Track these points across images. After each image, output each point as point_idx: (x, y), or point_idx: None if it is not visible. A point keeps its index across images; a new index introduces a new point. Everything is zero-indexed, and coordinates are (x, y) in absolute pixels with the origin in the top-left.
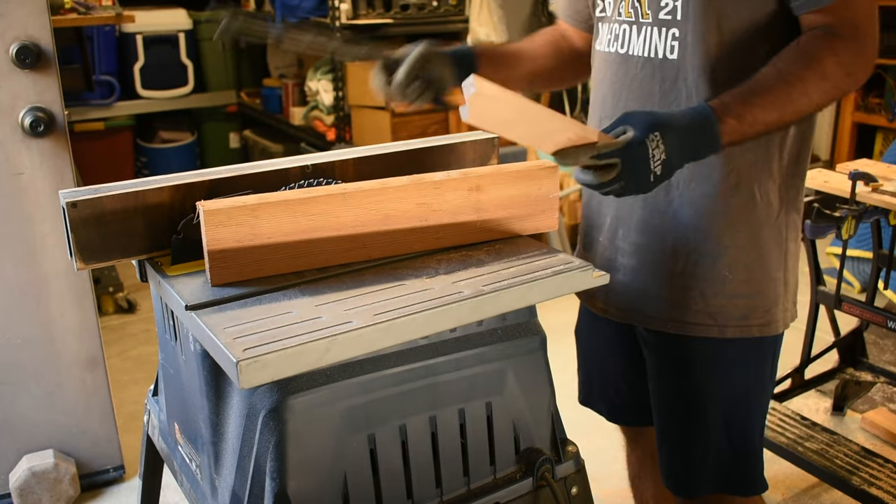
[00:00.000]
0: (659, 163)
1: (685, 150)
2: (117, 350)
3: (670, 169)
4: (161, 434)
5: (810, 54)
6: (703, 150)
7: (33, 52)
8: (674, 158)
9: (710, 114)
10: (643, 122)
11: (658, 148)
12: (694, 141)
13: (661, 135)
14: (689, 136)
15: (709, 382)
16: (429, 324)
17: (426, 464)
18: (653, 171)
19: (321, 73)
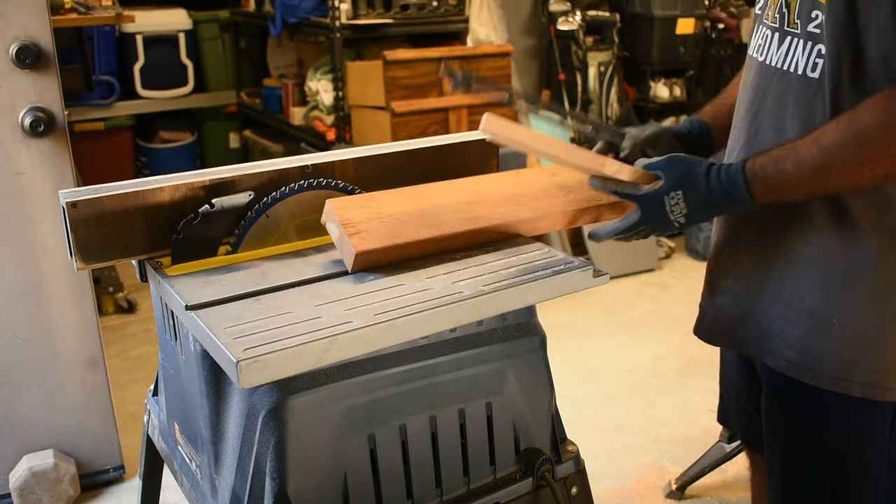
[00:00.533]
0: (681, 215)
1: (708, 209)
2: (117, 350)
3: (694, 222)
4: (161, 434)
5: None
6: (729, 210)
7: (33, 52)
8: (696, 215)
9: (738, 180)
10: (672, 177)
11: (678, 205)
12: (717, 202)
13: (682, 194)
14: (713, 198)
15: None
16: (429, 324)
17: (426, 464)
18: (674, 221)
19: (321, 74)
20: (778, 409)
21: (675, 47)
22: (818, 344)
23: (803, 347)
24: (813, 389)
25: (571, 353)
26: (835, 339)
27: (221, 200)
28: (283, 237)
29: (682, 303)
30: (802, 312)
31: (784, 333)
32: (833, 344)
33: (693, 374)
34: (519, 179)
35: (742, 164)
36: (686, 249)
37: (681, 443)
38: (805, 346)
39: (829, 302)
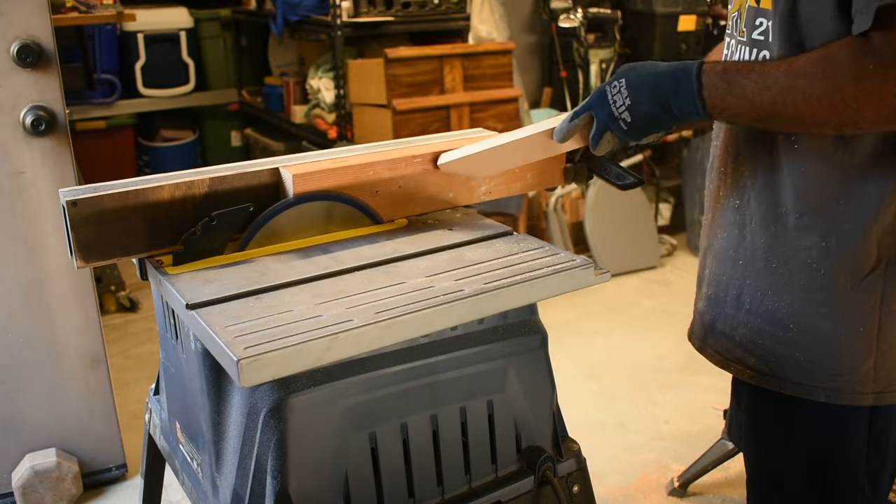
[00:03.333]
0: (624, 108)
1: (657, 97)
2: (119, 349)
3: (643, 115)
4: (162, 433)
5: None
6: (676, 101)
7: (34, 50)
8: (642, 105)
9: (691, 66)
10: (621, 70)
11: (620, 93)
12: (665, 89)
13: (625, 81)
14: (659, 83)
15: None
16: (430, 322)
17: (427, 462)
18: (619, 116)
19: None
20: (747, 419)
21: (677, 44)
22: (778, 350)
23: (764, 354)
24: (778, 396)
25: (573, 351)
26: (794, 344)
27: (221, 214)
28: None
29: (684, 300)
30: (760, 318)
31: (746, 342)
32: (793, 349)
33: (695, 371)
34: None
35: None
36: (688, 247)
37: (683, 440)
38: (766, 352)
39: (785, 305)
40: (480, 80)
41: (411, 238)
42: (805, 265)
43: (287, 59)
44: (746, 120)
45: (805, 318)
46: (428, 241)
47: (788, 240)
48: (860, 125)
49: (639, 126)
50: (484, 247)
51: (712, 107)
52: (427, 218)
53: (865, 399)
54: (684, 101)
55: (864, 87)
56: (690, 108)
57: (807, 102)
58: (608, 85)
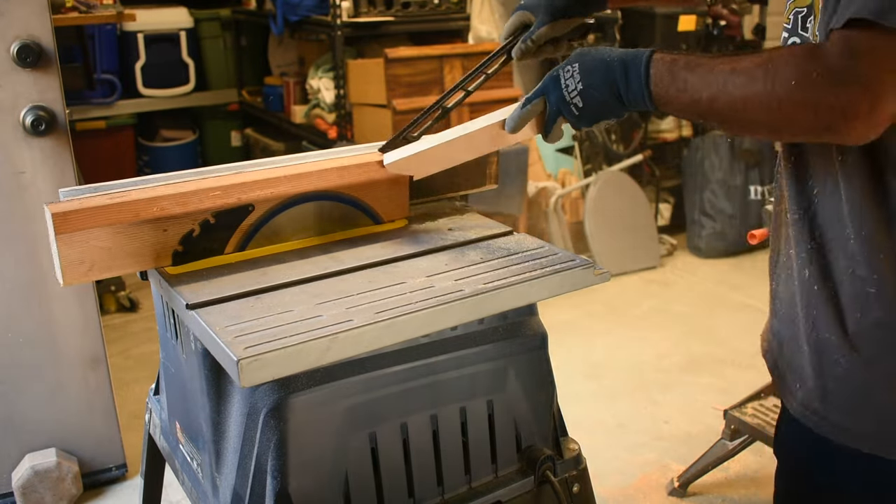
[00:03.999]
0: (576, 93)
1: (607, 82)
2: (119, 349)
3: (594, 100)
4: (162, 433)
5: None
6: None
7: (34, 50)
8: (594, 90)
9: (642, 54)
10: (574, 55)
11: (572, 77)
12: (615, 75)
13: (578, 65)
14: (610, 68)
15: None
16: (430, 322)
17: (427, 462)
18: (571, 101)
19: (322, 72)
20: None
21: (677, 44)
22: (827, 384)
23: (812, 387)
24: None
25: (573, 351)
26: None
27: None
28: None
29: (684, 300)
30: (813, 346)
31: (799, 370)
32: (841, 385)
33: (696, 371)
34: None
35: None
36: (688, 247)
37: (683, 440)
38: (814, 385)
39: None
40: None
41: (411, 238)
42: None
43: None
44: (689, 115)
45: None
46: (428, 241)
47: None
48: (795, 133)
49: (590, 111)
50: (484, 247)
51: (657, 97)
52: (427, 218)
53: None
54: (633, 90)
55: (802, 95)
56: (638, 97)
57: (744, 103)
58: (561, 68)
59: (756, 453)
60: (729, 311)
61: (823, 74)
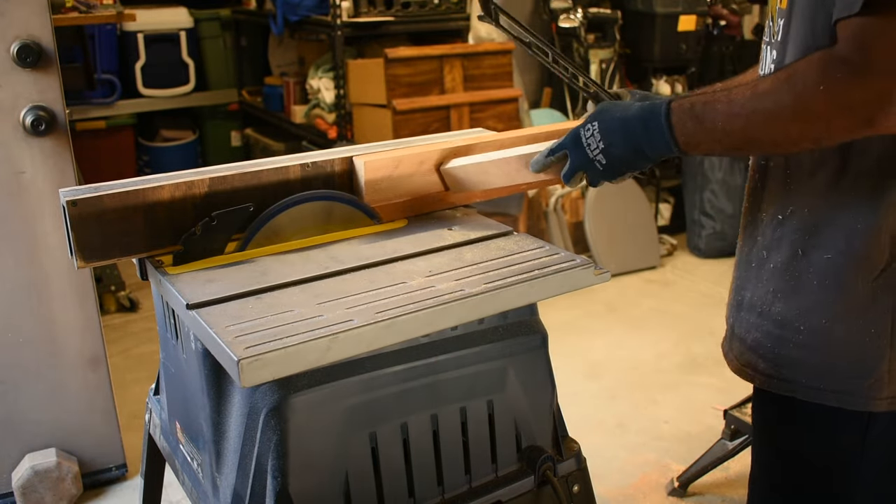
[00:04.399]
0: (598, 151)
1: (629, 140)
2: (119, 349)
3: (616, 158)
4: (163, 433)
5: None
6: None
7: (34, 50)
8: (615, 148)
9: (660, 107)
10: (593, 113)
11: (593, 137)
12: (636, 133)
13: (598, 124)
14: (630, 127)
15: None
16: (430, 322)
17: (427, 462)
18: (594, 159)
19: (322, 72)
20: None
21: (677, 44)
22: (789, 353)
23: (774, 358)
24: (788, 401)
25: (573, 351)
26: (804, 346)
27: (221, 214)
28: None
29: (684, 300)
30: (771, 321)
31: (757, 345)
32: (803, 352)
33: (695, 371)
34: None
35: (671, 98)
36: (688, 247)
37: (683, 440)
38: (775, 356)
39: (795, 307)
40: (480, 80)
41: (411, 238)
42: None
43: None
44: (723, 150)
45: (815, 319)
46: (428, 241)
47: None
48: (834, 136)
49: (614, 168)
50: (484, 247)
51: (686, 145)
52: (427, 218)
53: (879, 405)
54: (657, 144)
55: (832, 97)
56: (663, 149)
57: (777, 122)
58: (582, 128)
59: None
60: None
61: (847, 72)
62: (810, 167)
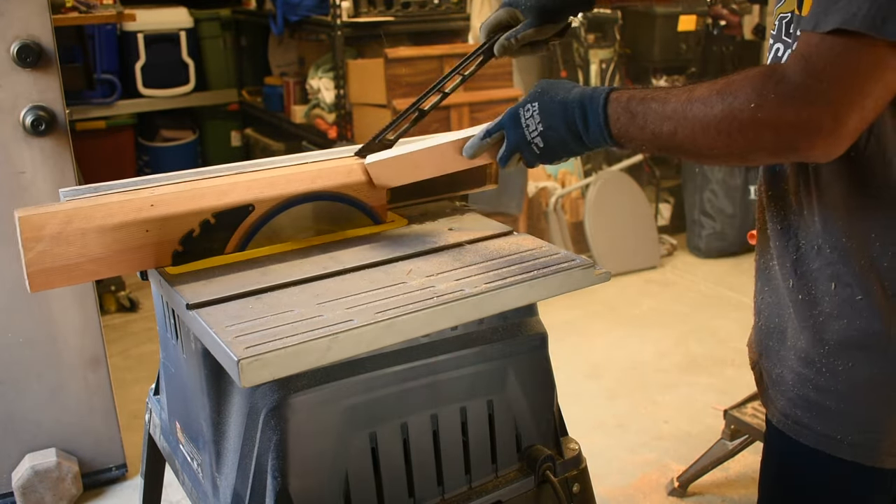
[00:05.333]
0: (536, 133)
1: (567, 124)
2: (119, 349)
3: (554, 141)
4: (163, 433)
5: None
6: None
7: (34, 50)
8: (553, 131)
9: (599, 95)
10: (532, 91)
11: (532, 118)
12: (574, 118)
13: (538, 105)
14: (569, 110)
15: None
16: (430, 322)
17: (427, 462)
18: (532, 141)
19: (322, 72)
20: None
21: (677, 44)
22: (808, 394)
23: (793, 396)
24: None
25: (573, 351)
26: (825, 390)
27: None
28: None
29: (684, 300)
30: (795, 356)
31: (780, 380)
32: (823, 396)
33: (695, 371)
34: None
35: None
36: (688, 247)
37: (683, 440)
38: (796, 395)
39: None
40: (480, 80)
41: (411, 238)
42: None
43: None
44: (652, 150)
45: (842, 363)
46: (428, 241)
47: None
48: (759, 156)
49: (550, 151)
50: (484, 247)
51: (618, 136)
52: (427, 218)
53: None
54: (592, 131)
55: (761, 115)
56: (598, 138)
57: (704, 132)
58: (521, 107)
59: (756, 453)
60: (729, 311)
61: (782, 93)
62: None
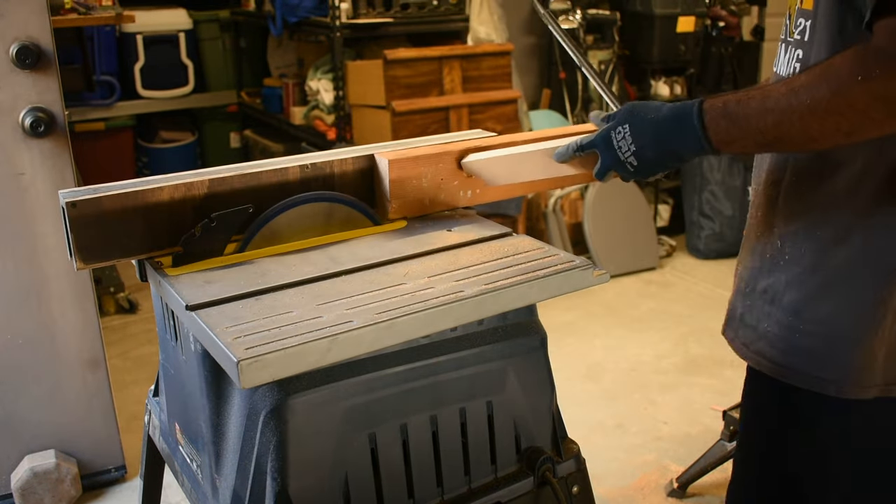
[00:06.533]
0: (630, 153)
1: (661, 142)
2: (118, 350)
3: (648, 160)
4: (162, 434)
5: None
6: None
7: (33, 52)
8: (647, 150)
9: (691, 108)
10: (619, 114)
11: (625, 140)
12: (668, 133)
13: (629, 127)
14: (662, 128)
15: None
16: (430, 323)
17: (427, 463)
18: (626, 161)
19: (321, 73)
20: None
21: (676, 45)
22: (797, 341)
23: (783, 346)
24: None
25: (572, 352)
26: (811, 335)
27: (221, 215)
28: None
29: (683, 301)
30: (783, 309)
31: (768, 333)
32: (810, 341)
33: (694, 372)
34: None
35: (701, 99)
36: (687, 248)
37: (682, 441)
38: (784, 343)
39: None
40: (479, 82)
41: (411, 239)
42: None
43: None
44: (757, 148)
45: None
46: (428, 242)
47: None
48: (869, 129)
49: (645, 169)
50: (483, 248)
51: (719, 143)
52: (427, 219)
53: (872, 391)
54: (690, 144)
55: (871, 87)
56: (697, 149)
57: (812, 115)
58: (612, 130)
59: None
60: None
61: (886, 64)
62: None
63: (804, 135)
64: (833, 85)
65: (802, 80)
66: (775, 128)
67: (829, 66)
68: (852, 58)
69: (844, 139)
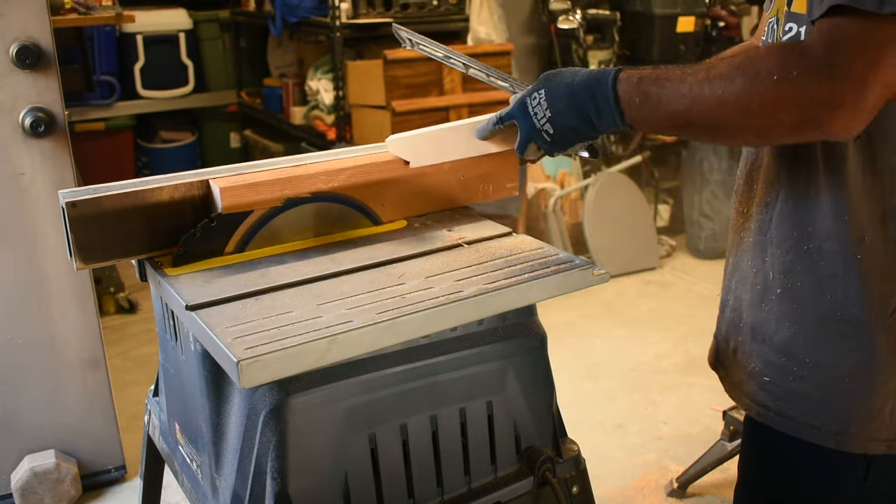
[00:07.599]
0: (545, 120)
1: (575, 108)
2: (118, 350)
3: (564, 126)
4: (162, 434)
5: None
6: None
7: (33, 52)
8: (562, 117)
9: (607, 76)
10: (539, 80)
11: (540, 105)
12: (583, 101)
13: (545, 91)
14: (577, 94)
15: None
16: (430, 323)
17: (427, 463)
18: (542, 128)
19: (321, 73)
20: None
21: (676, 45)
22: (790, 385)
23: (773, 390)
24: (786, 438)
25: (572, 352)
26: (808, 380)
27: (221, 215)
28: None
29: (683, 301)
30: (775, 349)
31: (757, 374)
32: (806, 386)
33: (694, 372)
34: None
35: (621, 67)
36: (687, 248)
37: (682, 441)
38: (776, 387)
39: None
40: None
41: (411, 239)
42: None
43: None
44: (667, 130)
45: (823, 352)
46: (427, 242)
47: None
48: (778, 132)
49: (562, 138)
50: (483, 248)
51: (630, 118)
52: (426, 219)
53: (878, 447)
54: (603, 114)
55: (783, 90)
56: (610, 120)
57: (721, 107)
58: (528, 96)
59: None
60: None
61: (805, 67)
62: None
63: (712, 126)
64: (748, 80)
65: (721, 69)
66: (685, 113)
67: (751, 59)
68: (776, 53)
69: (756, 139)
